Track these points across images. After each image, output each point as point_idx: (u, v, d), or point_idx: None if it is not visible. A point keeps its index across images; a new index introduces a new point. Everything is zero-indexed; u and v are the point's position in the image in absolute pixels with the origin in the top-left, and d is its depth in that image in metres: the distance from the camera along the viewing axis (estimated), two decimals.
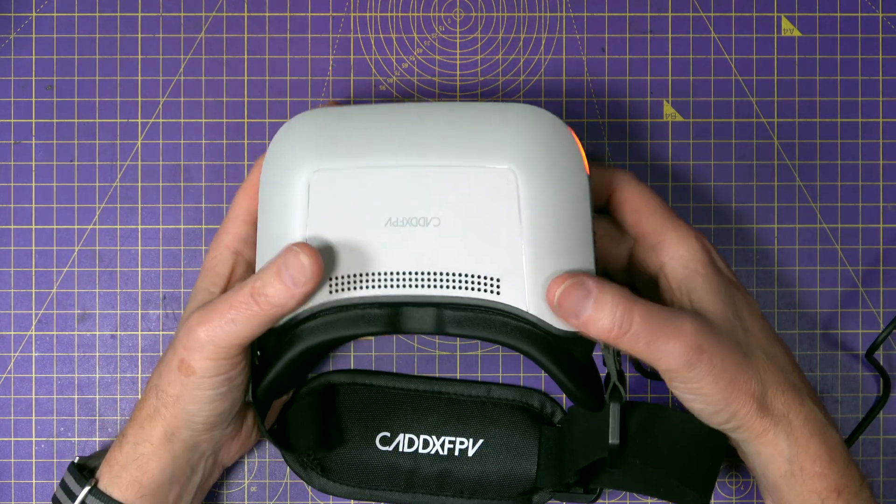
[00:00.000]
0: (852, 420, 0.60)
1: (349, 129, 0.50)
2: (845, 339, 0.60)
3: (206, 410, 0.51)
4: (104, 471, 0.53)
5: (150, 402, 0.52)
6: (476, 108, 0.50)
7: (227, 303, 0.49)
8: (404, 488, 0.58)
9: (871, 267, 0.60)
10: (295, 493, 0.60)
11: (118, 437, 0.54)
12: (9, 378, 0.60)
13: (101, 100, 0.60)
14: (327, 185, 0.49)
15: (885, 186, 0.60)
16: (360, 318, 0.49)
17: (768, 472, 0.50)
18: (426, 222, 0.48)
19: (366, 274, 0.49)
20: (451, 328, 0.49)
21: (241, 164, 0.60)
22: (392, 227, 0.48)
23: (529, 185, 0.48)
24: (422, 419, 0.59)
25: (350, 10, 0.60)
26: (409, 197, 0.48)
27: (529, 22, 0.60)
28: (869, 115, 0.60)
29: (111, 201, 0.60)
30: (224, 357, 0.50)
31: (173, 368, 0.51)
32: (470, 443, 0.58)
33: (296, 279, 0.48)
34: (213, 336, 0.49)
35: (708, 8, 0.60)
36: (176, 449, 0.52)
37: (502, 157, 0.48)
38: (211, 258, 0.54)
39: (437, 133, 0.49)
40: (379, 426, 0.58)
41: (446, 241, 0.48)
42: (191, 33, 0.60)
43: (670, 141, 0.60)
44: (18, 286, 0.60)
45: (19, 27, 0.60)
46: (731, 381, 0.48)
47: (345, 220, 0.49)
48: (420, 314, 0.49)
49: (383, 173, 0.48)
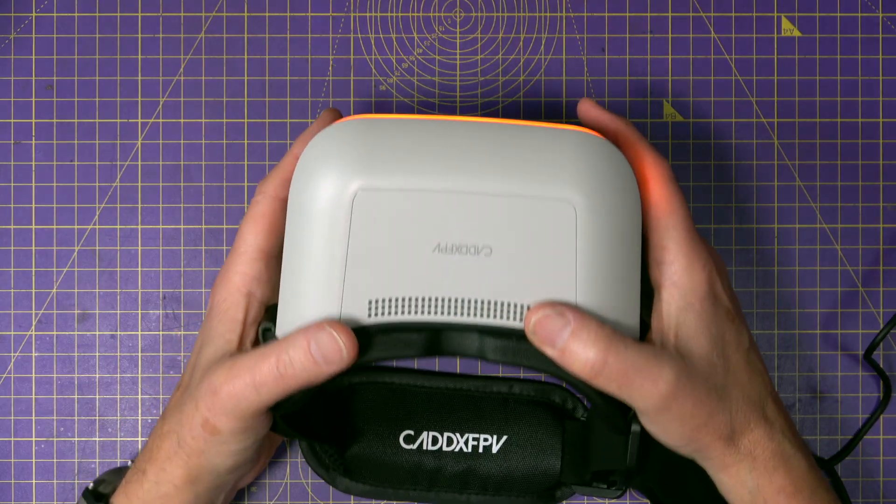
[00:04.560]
0: (852, 420, 0.60)
1: (396, 145, 0.47)
2: (845, 339, 0.60)
3: (231, 461, 0.50)
4: (122, 502, 0.52)
5: (171, 446, 0.50)
6: (533, 132, 0.48)
7: (251, 372, 0.47)
8: (428, 487, 0.58)
9: (871, 267, 0.60)
10: (295, 494, 0.60)
11: (135, 470, 0.52)
12: (9, 378, 0.60)
13: (101, 100, 0.60)
14: (372, 205, 0.46)
15: (885, 186, 0.60)
16: (399, 342, 0.47)
17: (732, 500, 0.50)
18: (477, 251, 0.46)
19: (409, 299, 0.47)
20: (493, 355, 0.47)
21: (241, 164, 0.60)
22: (440, 254, 0.46)
23: (588, 220, 0.46)
24: (445, 416, 0.58)
25: (350, 10, 0.60)
26: (461, 224, 0.46)
27: (529, 22, 0.60)
28: (869, 115, 0.60)
29: (111, 201, 0.60)
30: (250, 419, 0.48)
31: (196, 425, 0.49)
32: (494, 439, 0.58)
33: (328, 358, 0.46)
34: (238, 403, 0.47)
35: (708, 8, 0.60)
36: (199, 489, 0.51)
37: (561, 188, 0.46)
38: (221, 300, 0.51)
39: (493, 159, 0.47)
40: (402, 424, 0.58)
41: (497, 272, 0.46)
42: (191, 33, 0.60)
43: (670, 141, 0.60)
44: (18, 286, 0.60)
45: (19, 27, 0.60)
46: (698, 426, 0.47)
47: (389, 243, 0.46)
48: (461, 339, 0.47)
49: (434, 197, 0.46)
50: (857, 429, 0.59)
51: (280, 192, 0.50)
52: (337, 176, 0.46)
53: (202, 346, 0.51)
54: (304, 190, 0.47)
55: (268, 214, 0.51)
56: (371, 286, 0.46)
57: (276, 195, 0.51)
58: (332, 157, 0.47)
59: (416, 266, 0.46)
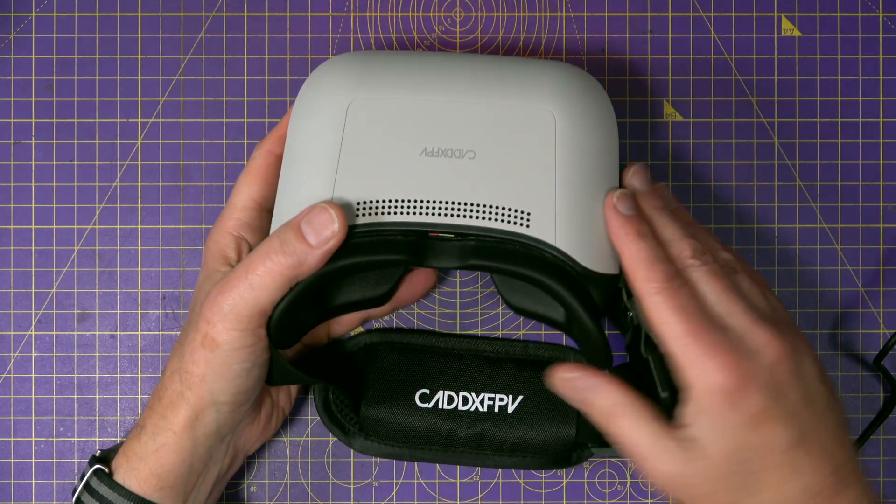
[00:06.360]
0: (853, 420, 0.60)
1: (390, 67, 0.52)
2: (846, 340, 0.60)
3: (232, 387, 0.50)
4: (121, 462, 0.52)
5: (174, 387, 0.51)
6: (516, 59, 0.53)
7: (244, 268, 0.49)
8: (444, 447, 0.57)
9: (871, 267, 0.60)
10: (295, 494, 0.60)
11: (135, 429, 0.53)
12: (9, 378, 0.60)
13: (101, 100, 0.60)
14: (364, 113, 0.50)
15: (885, 186, 0.60)
16: (384, 244, 0.49)
17: None
18: (461, 154, 0.50)
19: (396, 200, 0.49)
20: (475, 259, 0.49)
21: (241, 164, 0.60)
22: (427, 157, 0.50)
23: (566, 127, 0.50)
24: (461, 376, 0.58)
25: (350, 10, 0.60)
26: (447, 128, 0.50)
27: (529, 22, 0.60)
28: (869, 115, 0.60)
29: (111, 201, 0.60)
30: (247, 326, 0.49)
31: (197, 346, 0.50)
32: (510, 399, 0.57)
33: (319, 232, 0.48)
34: (235, 305, 0.48)
35: (708, 8, 0.60)
36: (198, 435, 0.51)
37: (543, 99, 0.50)
38: (214, 242, 0.53)
39: (478, 74, 0.51)
40: (418, 383, 0.58)
41: (480, 174, 0.49)
42: (191, 33, 0.60)
43: (670, 141, 0.60)
44: (18, 286, 0.60)
45: (19, 27, 0.60)
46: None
47: (379, 147, 0.50)
48: (443, 245, 0.49)
49: (422, 104, 0.50)
50: (857, 428, 0.59)
51: (276, 147, 0.54)
52: (334, 91, 0.51)
53: (201, 285, 0.53)
54: (305, 106, 0.52)
55: (263, 168, 0.54)
56: (360, 188, 0.49)
57: (271, 150, 0.54)
58: (330, 76, 0.52)
59: (403, 168, 0.50)
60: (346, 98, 0.50)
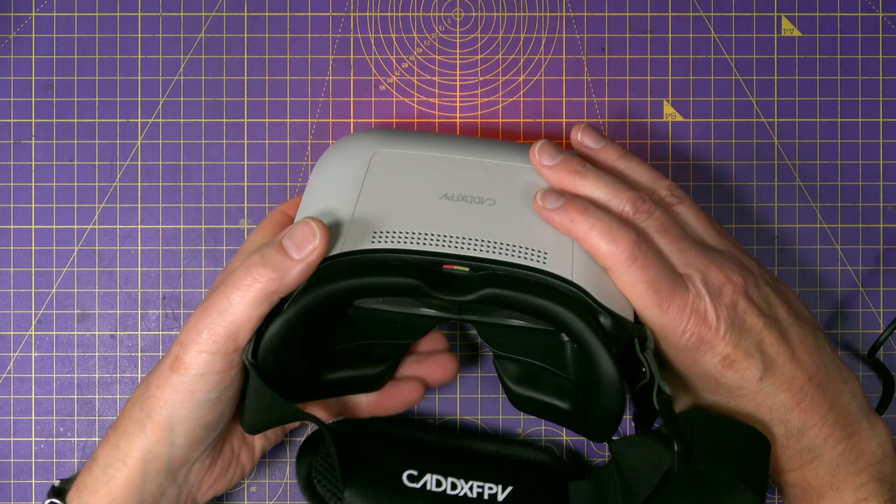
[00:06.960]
0: None
1: (411, 134, 0.55)
2: (845, 339, 0.60)
3: (192, 418, 0.49)
4: (73, 496, 0.51)
5: (133, 414, 0.50)
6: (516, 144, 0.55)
7: (225, 285, 0.48)
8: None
9: (871, 267, 0.60)
10: (295, 494, 0.60)
11: (89, 460, 0.51)
12: (9, 378, 0.60)
13: (101, 100, 0.60)
14: (387, 163, 0.52)
15: (885, 186, 0.60)
16: (398, 268, 0.47)
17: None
18: (481, 201, 0.51)
19: (412, 232, 0.49)
20: (490, 287, 0.47)
21: (241, 164, 0.60)
22: (447, 201, 0.51)
23: None
24: (448, 464, 0.56)
25: (350, 10, 0.60)
26: (467, 180, 0.51)
27: (529, 22, 0.60)
28: (869, 115, 0.60)
29: (111, 201, 0.60)
30: (220, 348, 0.47)
31: (165, 370, 0.49)
32: (499, 489, 0.56)
33: (301, 246, 0.47)
34: (212, 322, 0.47)
35: (708, 8, 0.60)
36: (149, 470, 0.49)
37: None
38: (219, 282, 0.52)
39: (494, 143, 0.54)
40: (405, 465, 0.56)
41: (498, 218, 0.50)
42: (191, 33, 0.60)
43: (670, 141, 0.60)
44: (18, 286, 0.60)
45: (19, 27, 0.60)
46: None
47: (399, 191, 0.51)
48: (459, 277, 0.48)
49: (444, 160, 0.52)
50: None
51: (291, 210, 0.56)
52: (356, 145, 0.53)
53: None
54: (326, 160, 0.54)
55: (276, 224, 0.55)
56: (377, 220, 0.50)
57: (286, 211, 0.56)
58: (352, 138, 0.54)
59: (422, 207, 0.50)
60: (369, 150, 0.53)
